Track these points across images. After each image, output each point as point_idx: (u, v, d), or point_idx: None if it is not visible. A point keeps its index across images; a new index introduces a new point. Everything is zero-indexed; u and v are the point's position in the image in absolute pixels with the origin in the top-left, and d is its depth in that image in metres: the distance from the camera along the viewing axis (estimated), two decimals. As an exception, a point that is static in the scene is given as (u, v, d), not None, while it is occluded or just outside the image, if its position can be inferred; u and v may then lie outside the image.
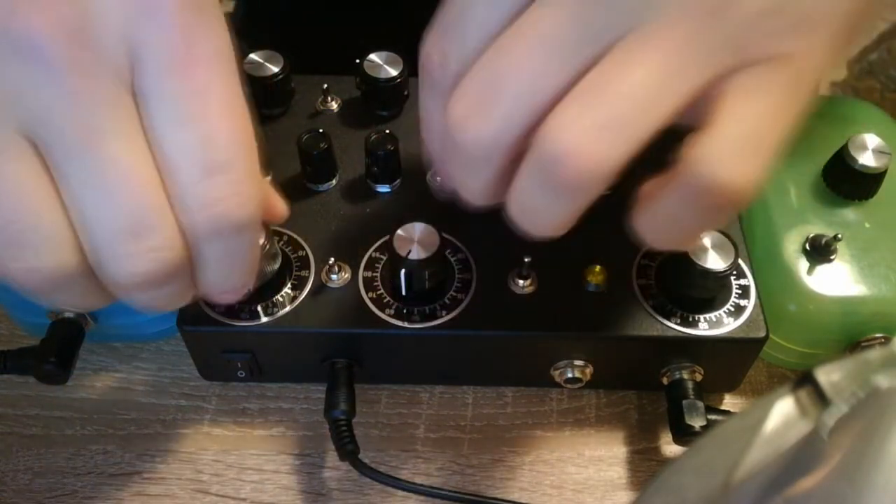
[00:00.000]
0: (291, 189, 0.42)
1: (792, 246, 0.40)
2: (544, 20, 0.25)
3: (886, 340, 0.39)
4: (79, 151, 0.24)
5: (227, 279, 0.30)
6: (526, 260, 0.38)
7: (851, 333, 0.39)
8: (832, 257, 0.39)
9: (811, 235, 0.39)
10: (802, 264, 0.39)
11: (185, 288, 0.29)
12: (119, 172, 0.25)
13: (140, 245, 0.25)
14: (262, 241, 0.34)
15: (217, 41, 0.26)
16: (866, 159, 0.40)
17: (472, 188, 0.29)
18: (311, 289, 0.39)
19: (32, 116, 0.24)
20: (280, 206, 0.33)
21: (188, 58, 0.25)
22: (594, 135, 0.25)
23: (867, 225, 0.40)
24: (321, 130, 0.41)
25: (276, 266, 0.38)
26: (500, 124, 0.26)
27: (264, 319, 0.37)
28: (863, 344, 0.39)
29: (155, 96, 0.25)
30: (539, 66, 0.25)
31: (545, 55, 0.25)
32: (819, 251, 0.39)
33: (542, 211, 0.28)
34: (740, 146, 0.25)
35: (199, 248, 0.27)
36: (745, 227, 0.41)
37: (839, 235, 0.39)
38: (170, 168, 0.26)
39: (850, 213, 0.41)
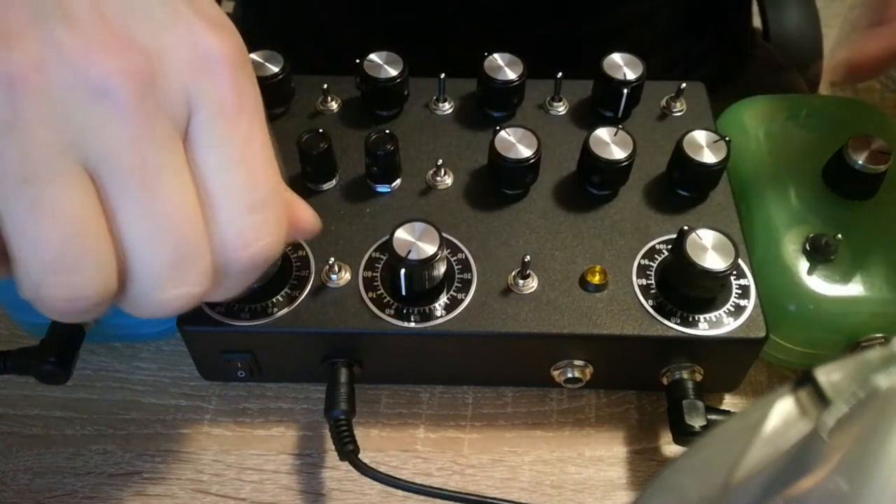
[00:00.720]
0: (291, 189, 0.42)
1: (792, 246, 0.40)
2: None
3: (886, 340, 0.39)
4: (135, 187, 0.26)
5: (228, 297, 0.31)
6: (526, 260, 0.38)
7: (851, 333, 0.39)
8: (832, 257, 0.39)
9: (811, 235, 0.39)
10: (802, 264, 0.39)
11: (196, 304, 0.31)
12: (169, 209, 0.27)
13: (182, 279, 0.27)
14: None
15: (257, 95, 0.29)
16: (866, 159, 0.40)
17: None
18: (311, 289, 0.39)
19: (96, 151, 0.26)
20: (314, 221, 0.34)
21: (238, 109, 0.28)
22: None
23: (867, 225, 0.40)
24: (321, 130, 0.41)
25: (277, 266, 0.38)
26: None
27: (264, 319, 0.38)
28: (862, 344, 0.39)
29: (206, 141, 0.28)
30: None
31: None
32: (819, 251, 0.39)
33: None
34: None
35: (225, 278, 0.29)
36: (745, 227, 0.41)
37: (839, 235, 0.39)
38: (214, 206, 0.28)
39: (849, 213, 0.41)
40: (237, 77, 0.28)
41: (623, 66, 0.45)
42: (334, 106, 0.46)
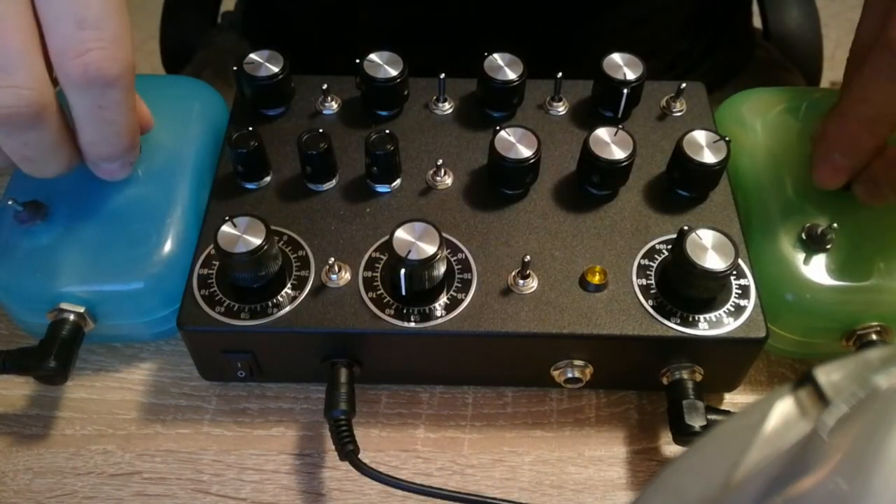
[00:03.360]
0: (291, 189, 0.43)
1: (788, 236, 0.40)
2: None
3: (883, 328, 0.39)
4: None
5: (102, 141, 0.34)
6: (526, 260, 0.38)
7: (848, 322, 0.39)
8: (828, 247, 0.39)
9: (808, 225, 0.40)
10: (799, 254, 0.39)
11: (56, 141, 0.33)
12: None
13: (4, 81, 0.30)
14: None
15: None
16: None
17: None
18: (311, 289, 0.39)
19: None
20: (145, 113, 0.38)
21: None
22: None
23: (863, 214, 0.40)
24: (321, 130, 0.41)
25: (277, 266, 0.38)
26: None
27: (264, 319, 0.37)
28: (859, 332, 0.39)
29: None
30: None
31: None
32: (815, 241, 0.39)
33: None
34: None
35: (72, 98, 0.32)
36: (743, 217, 0.41)
37: (835, 225, 0.39)
38: (49, 25, 0.31)
39: (846, 203, 0.41)
40: None
41: (623, 66, 0.45)
42: (334, 106, 0.46)
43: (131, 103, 0.34)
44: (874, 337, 0.39)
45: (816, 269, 0.39)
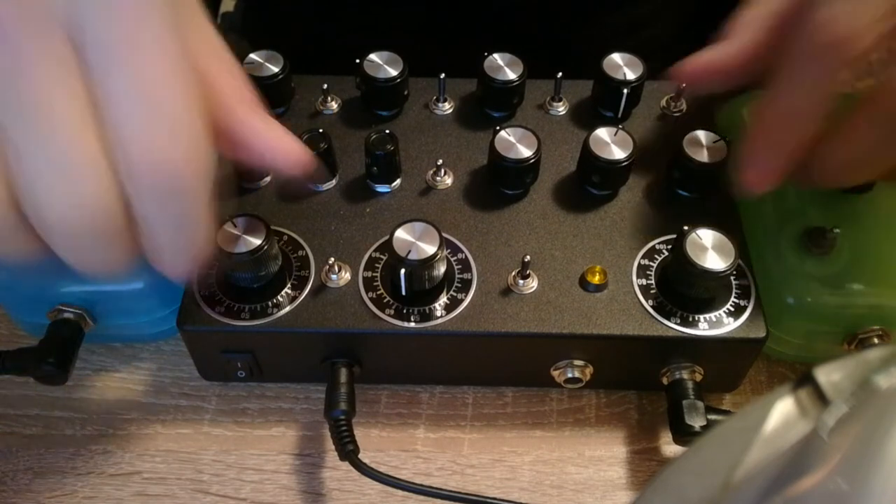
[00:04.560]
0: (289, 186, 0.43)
1: (790, 238, 0.40)
2: None
3: (884, 332, 0.39)
4: (13, 94, 0.25)
5: (171, 239, 0.29)
6: (526, 260, 0.38)
7: (849, 326, 0.39)
8: (830, 250, 0.39)
9: (809, 228, 0.39)
10: (800, 257, 0.39)
11: (119, 246, 0.28)
12: (52, 117, 0.25)
13: (70, 188, 0.26)
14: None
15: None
16: None
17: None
18: (311, 289, 0.39)
19: None
20: (295, 146, 0.32)
21: (120, 2, 0.26)
22: None
23: (865, 218, 0.40)
24: (321, 130, 0.41)
25: (277, 266, 0.38)
26: None
27: (264, 319, 0.37)
28: (860, 336, 0.39)
29: (90, 40, 0.26)
30: None
31: None
32: (817, 244, 0.39)
33: None
34: None
35: (140, 200, 0.27)
36: (744, 219, 0.41)
37: (837, 229, 0.39)
38: (112, 120, 0.26)
39: (847, 206, 0.41)
40: None
41: (623, 66, 0.45)
42: (334, 106, 0.46)
43: (204, 201, 0.28)
44: (875, 341, 0.39)
45: (818, 273, 0.39)
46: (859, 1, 0.30)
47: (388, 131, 0.42)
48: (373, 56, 0.45)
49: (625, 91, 0.44)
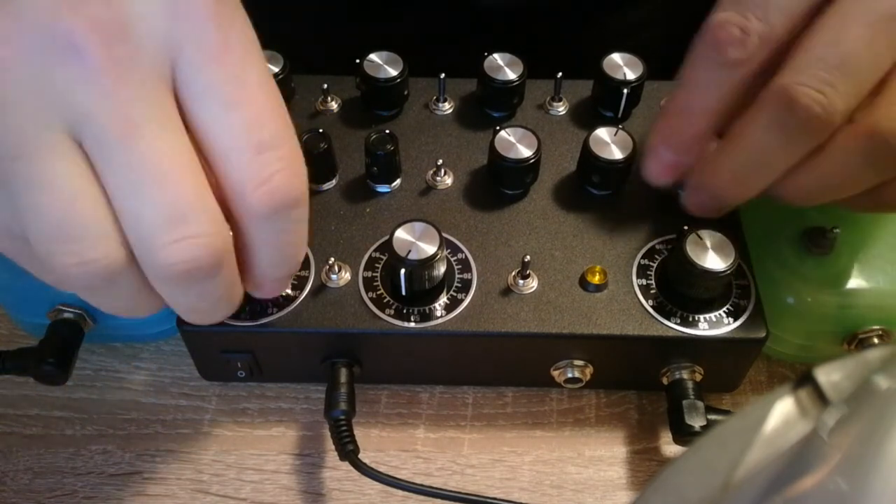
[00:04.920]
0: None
1: (790, 238, 0.40)
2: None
3: (885, 332, 0.39)
4: (118, 146, 0.25)
5: (282, 262, 0.30)
6: (526, 260, 0.38)
7: (849, 326, 0.39)
8: (830, 250, 0.39)
9: (809, 228, 0.39)
10: (800, 257, 0.39)
11: (231, 285, 0.29)
12: (157, 162, 0.25)
13: (180, 232, 0.26)
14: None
15: (246, 29, 0.28)
16: None
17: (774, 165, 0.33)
18: (311, 289, 0.39)
19: (76, 116, 0.25)
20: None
21: (223, 46, 0.26)
22: None
23: (865, 218, 0.40)
24: (321, 130, 0.41)
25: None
26: (847, 101, 0.30)
27: (264, 319, 0.37)
28: (860, 336, 0.39)
29: (197, 86, 0.26)
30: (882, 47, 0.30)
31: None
32: (817, 244, 0.39)
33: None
34: None
35: (255, 229, 0.28)
36: (744, 219, 0.41)
37: (836, 229, 0.39)
38: (219, 154, 0.27)
39: None
40: (219, 12, 0.26)
41: (623, 66, 0.45)
42: (334, 106, 0.46)
43: (307, 216, 0.30)
44: (876, 341, 0.39)
45: (818, 273, 0.39)
46: (751, 9, 0.31)
47: (388, 131, 0.42)
48: (373, 56, 0.45)
49: (625, 91, 0.44)
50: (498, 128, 0.42)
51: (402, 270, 0.36)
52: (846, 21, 0.31)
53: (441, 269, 0.38)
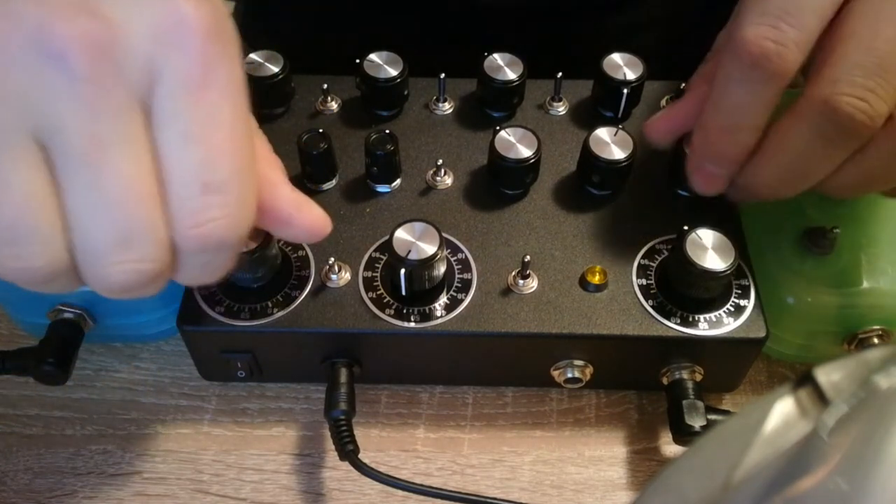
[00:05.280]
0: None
1: (790, 238, 0.40)
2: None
3: (885, 332, 0.39)
4: (84, 160, 0.25)
5: (199, 280, 0.31)
6: (526, 260, 0.38)
7: (849, 326, 0.39)
8: (830, 250, 0.39)
9: (809, 228, 0.39)
10: (800, 257, 0.39)
11: (159, 288, 0.30)
12: (117, 185, 0.26)
13: (126, 255, 0.26)
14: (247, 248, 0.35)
15: (232, 70, 0.28)
16: None
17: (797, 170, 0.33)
18: (311, 289, 0.39)
19: (46, 121, 0.25)
20: (324, 222, 0.33)
21: (202, 82, 0.27)
22: None
23: (865, 218, 0.40)
24: (321, 130, 0.41)
25: (277, 266, 0.38)
26: (888, 103, 0.30)
27: (264, 319, 0.37)
28: (860, 335, 0.39)
29: (167, 114, 0.26)
30: None
31: None
32: (817, 244, 0.39)
33: None
34: None
35: (181, 256, 0.28)
36: (744, 219, 0.41)
37: (837, 229, 0.39)
38: (169, 182, 0.27)
39: (847, 206, 0.41)
40: (207, 49, 0.27)
41: (623, 66, 0.45)
42: (334, 106, 0.46)
43: (237, 252, 0.30)
44: (876, 341, 0.39)
45: (818, 273, 0.39)
46: (781, 17, 0.31)
47: (388, 131, 0.42)
48: (373, 56, 0.45)
49: (625, 91, 0.44)
50: (498, 128, 0.42)
51: (402, 270, 0.36)
52: (878, 23, 0.31)
53: (441, 269, 0.38)
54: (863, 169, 0.33)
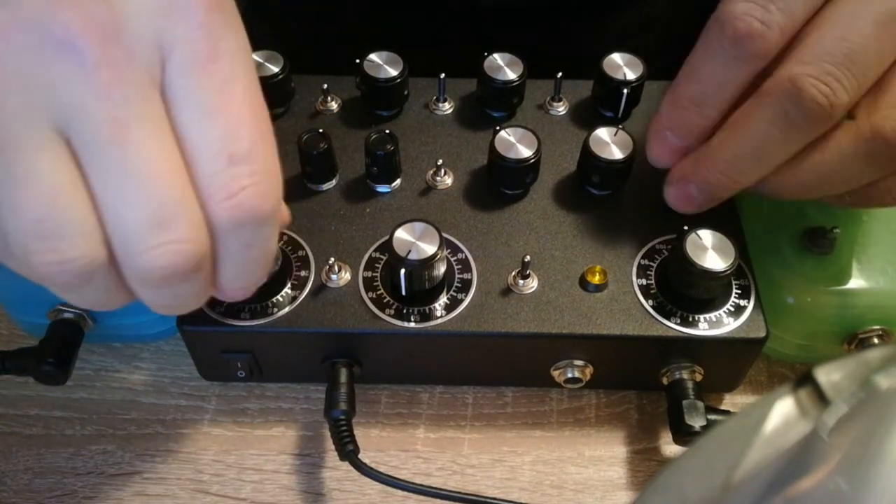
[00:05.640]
0: (291, 189, 0.42)
1: (790, 238, 0.40)
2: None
3: (885, 332, 0.39)
4: (108, 145, 0.25)
5: (244, 273, 0.30)
6: (526, 260, 0.38)
7: (849, 326, 0.39)
8: (830, 250, 0.39)
9: (809, 228, 0.39)
10: (800, 257, 0.39)
11: (204, 286, 0.29)
12: (145, 165, 0.25)
13: (164, 237, 0.26)
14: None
15: (238, 39, 0.28)
16: None
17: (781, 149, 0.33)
18: (311, 289, 0.39)
19: (65, 111, 0.25)
20: (284, 211, 0.33)
21: (211, 54, 0.26)
22: None
23: (865, 218, 0.40)
24: (321, 130, 0.41)
25: (277, 266, 0.38)
26: (850, 95, 0.31)
27: (264, 319, 0.37)
28: (860, 335, 0.39)
29: (181, 91, 0.26)
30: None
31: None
32: (817, 244, 0.39)
33: None
34: None
35: (220, 239, 0.28)
36: (744, 219, 0.41)
37: (837, 228, 0.39)
38: (195, 160, 0.26)
39: None
40: (211, 20, 0.26)
41: (623, 66, 0.45)
42: (334, 106, 0.46)
43: (276, 232, 0.30)
44: (876, 341, 0.39)
45: (818, 273, 0.39)
46: None
47: (388, 131, 0.42)
48: (373, 56, 0.45)
49: (625, 91, 0.44)
50: (498, 128, 0.42)
51: (402, 270, 0.36)
52: (855, 17, 0.31)
53: (441, 269, 0.38)
54: (816, 165, 0.33)
